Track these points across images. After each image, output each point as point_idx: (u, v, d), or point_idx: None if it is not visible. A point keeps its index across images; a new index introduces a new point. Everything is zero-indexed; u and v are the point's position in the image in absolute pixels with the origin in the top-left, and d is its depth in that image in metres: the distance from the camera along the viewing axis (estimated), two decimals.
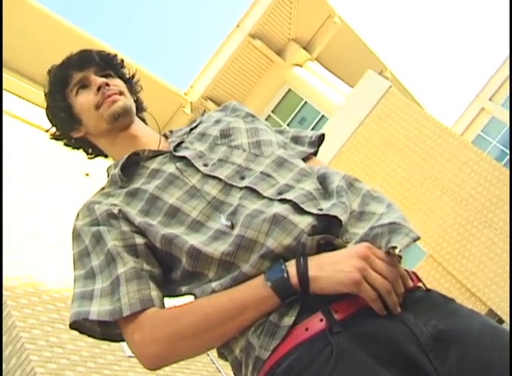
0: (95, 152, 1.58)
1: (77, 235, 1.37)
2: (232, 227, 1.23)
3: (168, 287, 1.31)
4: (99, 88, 1.47)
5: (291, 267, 1.14)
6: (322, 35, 17.02)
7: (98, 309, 1.23)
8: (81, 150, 1.60)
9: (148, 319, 1.21)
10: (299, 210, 1.24)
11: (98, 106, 1.46)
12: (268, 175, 1.33)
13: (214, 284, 1.21)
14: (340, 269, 1.12)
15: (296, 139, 1.55)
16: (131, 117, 1.49)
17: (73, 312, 1.26)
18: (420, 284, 1.23)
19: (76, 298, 1.28)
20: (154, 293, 1.25)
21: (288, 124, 16.48)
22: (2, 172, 8.59)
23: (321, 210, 1.24)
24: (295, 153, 1.48)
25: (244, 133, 1.45)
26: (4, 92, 12.97)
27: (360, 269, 1.12)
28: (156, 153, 1.44)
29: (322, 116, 16.00)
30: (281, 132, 1.58)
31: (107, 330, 1.29)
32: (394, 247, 1.16)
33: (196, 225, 1.28)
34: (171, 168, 1.38)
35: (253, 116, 1.56)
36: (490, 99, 20.99)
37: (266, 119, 15.76)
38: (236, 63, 16.63)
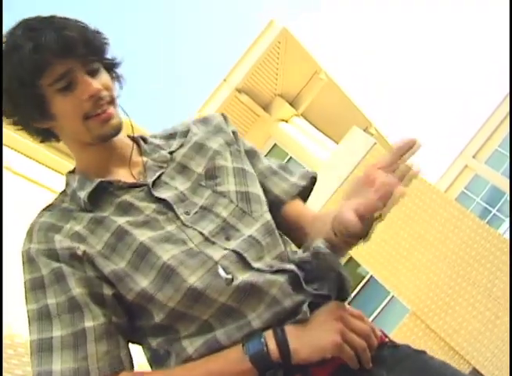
0: (50, 139, 1.34)
1: (30, 259, 1.24)
2: (232, 281, 1.17)
3: (133, 334, 1.24)
4: (91, 97, 1.24)
5: (270, 339, 1.11)
6: (308, 91, 17.24)
7: (61, 368, 1.14)
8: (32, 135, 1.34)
9: None
10: (295, 285, 1.20)
11: (87, 118, 1.25)
12: (258, 242, 1.26)
13: (189, 349, 1.16)
14: (320, 336, 1.11)
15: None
16: (119, 134, 1.31)
17: (35, 374, 1.16)
18: (387, 340, 1.24)
19: (34, 349, 1.18)
20: (123, 352, 1.19)
21: None
22: (2, 173, 8.48)
23: (315, 289, 1.21)
24: (281, 191, 1.45)
25: (232, 177, 1.36)
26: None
27: (339, 331, 1.11)
28: (132, 185, 1.31)
29: None
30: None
31: None
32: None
33: (167, 271, 1.18)
34: (147, 210, 1.27)
35: (237, 139, 1.47)
36: (473, 157, 21.23)
37: None
38: None
